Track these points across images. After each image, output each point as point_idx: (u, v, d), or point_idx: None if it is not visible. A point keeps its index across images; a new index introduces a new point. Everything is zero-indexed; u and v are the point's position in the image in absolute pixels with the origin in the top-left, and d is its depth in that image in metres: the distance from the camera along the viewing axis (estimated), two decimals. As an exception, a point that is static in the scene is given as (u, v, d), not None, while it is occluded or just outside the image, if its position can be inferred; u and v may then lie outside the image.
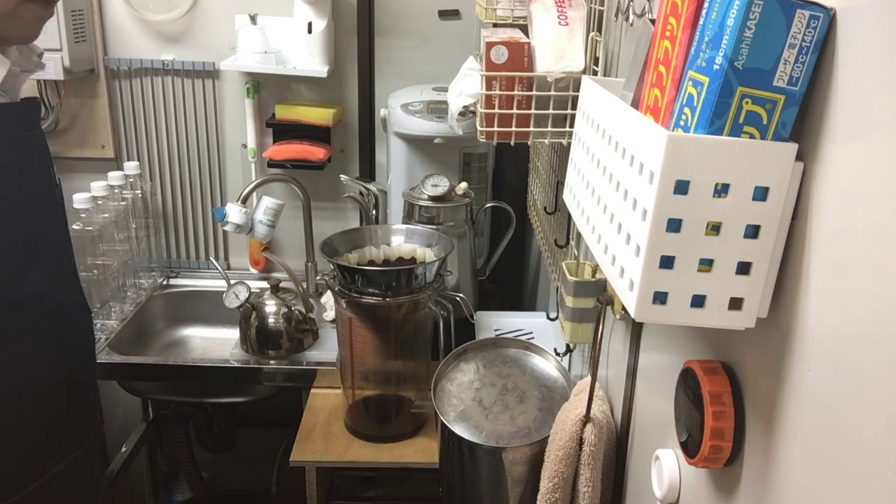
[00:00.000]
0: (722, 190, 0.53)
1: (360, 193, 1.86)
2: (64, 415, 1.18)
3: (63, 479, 1.17)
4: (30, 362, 1.11)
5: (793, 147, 0.53)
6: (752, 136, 0.53)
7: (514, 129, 1.07)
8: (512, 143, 1.09)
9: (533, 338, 1.49)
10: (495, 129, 1.07)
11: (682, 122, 0.56)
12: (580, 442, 0.91)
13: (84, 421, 1.24)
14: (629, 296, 0.58)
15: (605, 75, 1.03)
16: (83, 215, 1.71)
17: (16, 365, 1.09)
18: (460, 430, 1.08)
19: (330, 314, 1.85)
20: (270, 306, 1.68)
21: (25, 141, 1.08)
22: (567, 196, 0.83)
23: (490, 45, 1.03)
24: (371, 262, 1.47)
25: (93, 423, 1.26)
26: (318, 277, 1.97)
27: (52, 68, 1.74)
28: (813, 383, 0.51)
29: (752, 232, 0.54)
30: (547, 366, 1.17)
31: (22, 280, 1.08)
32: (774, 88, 0.52)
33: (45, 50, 1.19)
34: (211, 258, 2.07)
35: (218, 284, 1.88)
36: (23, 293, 1.08)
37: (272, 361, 1.66)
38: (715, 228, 0.54)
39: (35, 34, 1.07)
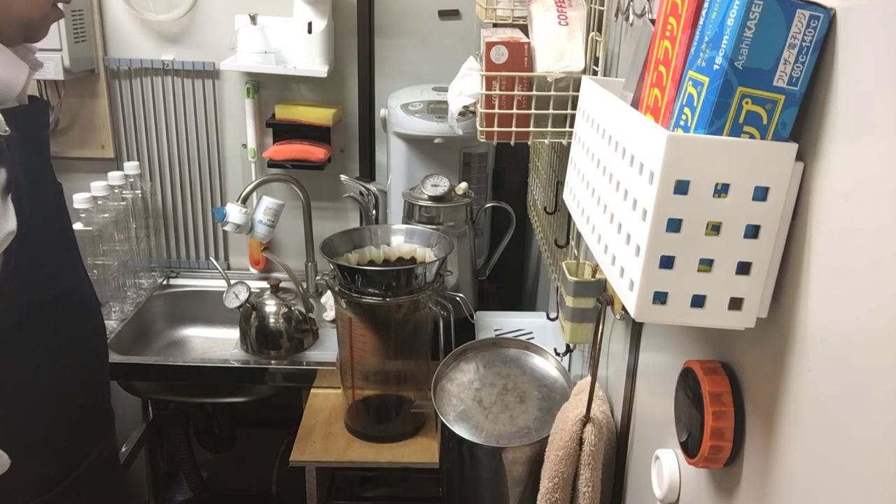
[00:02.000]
0: (722, 190, 0.53)
1: (360, 193, 1.86)
2: (96, 404, 1.26)
3: (98, 463, 1.23)
4: (67, 356, 1.16)
5: (793, 147, 0.53)
6: (752, 136, 0.53)
7: (514, 129, 1.07)
8: (512, 143, 1.09)
9: (533, 338, 1.49)
10: (495, 129, 1.07)
11: (682, 122, 0.56)
12: (580, 442, 0.91)
13: (107, 406, 1.31)
14: (629, 296, 0.58)
15: (605, 75, 1.03)
16: (83, 215, 1.71)
17: (57, 360, 1.14)
18: (460, 430, 1.08)
19: (330, 314, 1.85)
20: (270, 306, 1.68)
21: (42, 142, 1.12)
22: (567, 196, 0.83)
23: (490, 45, 1.03)
24: (371, 262, 1.47)
25: (113, 414, 1.33)
26: (318, 277, 1.97)
27: (52, 68, 1.74)
28: (813, 383, 0.51)
29: (752, 232, 0.54)
30: (547, 366, 1.17)
31: (56, 277, 1.13)
32: (774, 88, 0.52)
33: (43, 49, 1.21)
34: (211, 258, 2.07)
35: (218, 284, 1.88)
36: (58, 289, 1.13)
37: (272, 361, 1.66)
38: (715, 228, 0.54)
39: (36, 34, 1.09)
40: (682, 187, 0.53)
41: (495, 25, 1.24)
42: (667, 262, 0.55)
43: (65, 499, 1.15)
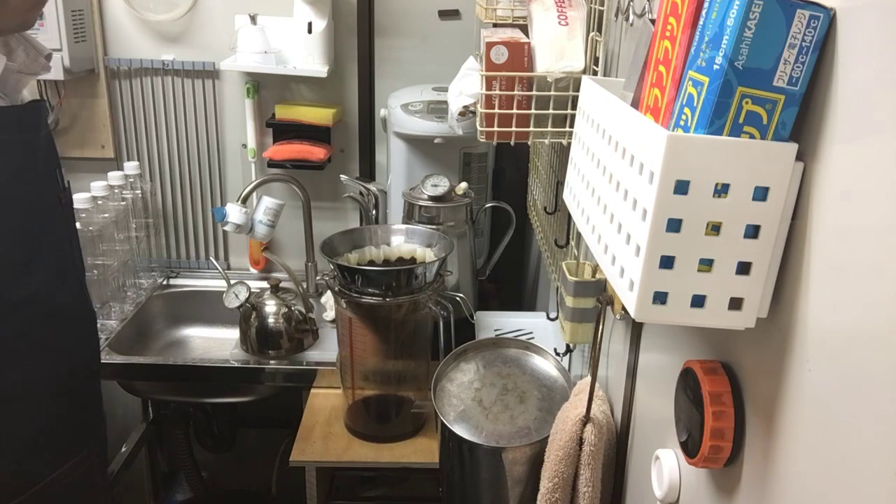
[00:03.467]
0: (722, 190, 0.53)
1: (360, 193, 1.86)
2: (63, 419, 1.17)
3: (61, 484, 1.15)
4: (23, 366, 1.09)
5: (793, 147, 0.53)
6: (752, 136, 0.53)
7: (514, 129, 1.07)
8: (512, 143, 1.09)
9: (533, 338, 1.49)
10: (495, 129, 1.07)
11: (682, 122, 0.56)
12: (580, 442, 0.91)
13: (85, 426, 1.22)
14: (629, 296, 0.58)
15: (605, 75, 1.03)
16: (83, 215, 1.71)
17: (8, 368, 1.07)
18: (460, 430, 1.08)
19: (330, 314, 1.85)
20: (270, 306, 1.68)
21: (26, 144, 1.07)
22: (567, 196, 0.83)
23: (490, 45, 1.03)
24: (371, 262, 1.47)
25: (94, 429, 1.25)
26: (318, 277, 1.97)
27: (52, 68, 1.74)
28: (813, 383, 0.51)
29: (752, 232, 0.54)
30: (547, 366, 1.17)
31: (19, 283, 1.06)
32: (774, 88, 0.52)
33: (52, 55, 1.18)
34: (211, 258, 2.07)
35: (218, 284, 1.88)
36: (20, 296, 1.07)
37: (272, 361, 1.66)
38: (715, 228, 0.54)
39: (29, 22, 1.05)
40: (682, 187, 0.53)
41: (495, 25, 1.24)
42: (667, 262, 0.55)
43: None
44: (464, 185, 1.66)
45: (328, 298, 1.86)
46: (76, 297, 1.20)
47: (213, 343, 1.96)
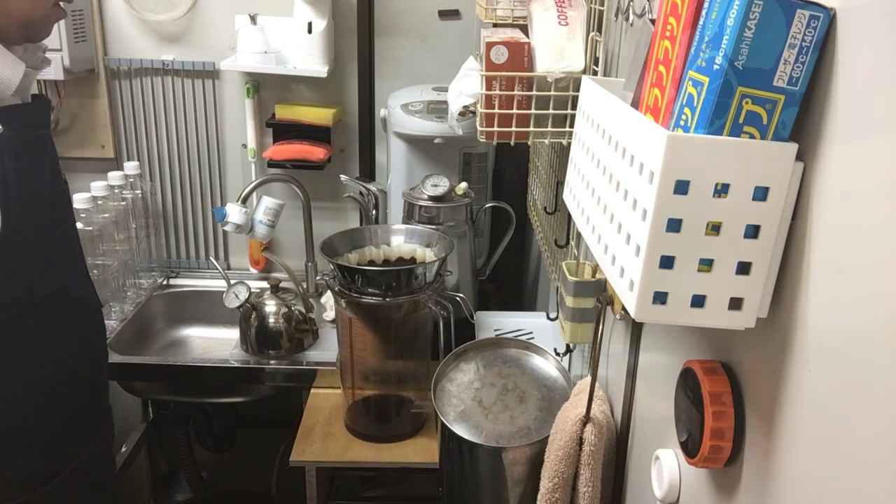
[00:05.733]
0: (722, 190, 0.53)
1: (360, 193, 1.86)
2: (86, 404, 1.24)
3: (88, 465, 1.21)
4: (55, 356, 1.15)
5: (793, 147, 0.53)
6: (752, 136, 0.53)
7: (514, 129, 1.07)
8: (512, 143, 1.09)
9: (533, 338, 1.49)
10: (495, 129, 1.07)
11: (682, 122, 0.56)
12: (580, 442, 0.91)
13: (102, 409, 1.29)
14: (629, 296, 0.58)
15: (605, 75, 1.03)
16: (83, 215, 1.71)
17: (44, 360, 1.12)
18: (460, 430, 1.08)
19: (330, 314, 1.85)
20: (270, 306, 1.68)
21: (40, 140, 1.11)
22: (567, 196, 0.83)
23: (490, 45, 1.03)
24: (371, 262, 1.47)
25: (107, 416, 1.32)
26: (318, 277, 1.97)
27: (52, 68, 1.74)
28: (813, 383, 0.51)
29: (752, 232, 0.54)
30: (547, 366, 1.17)
31: (46, 277, 1.11)
32: (774, 88, 0.52)
33: (48, 48, 1.21)
34: (211, 258, 2.07)
35: (218, 284, 1.88)
36: (48, 289, 1.11)
37: (272, 361, 1.66)
38: (715, 228, 0.54)
39: (35, 35, 1.09)
40: (682, 187, 0.53)
41: (495, 25, 1.24)
42: (667, 262, 0.55)
43: (51, 499, 1.14)
44: (464, 185, 1.66)
45: (328, 298, 1.86)
46: (86, 287, 1.25)
47: (213, 343, 1.96)
